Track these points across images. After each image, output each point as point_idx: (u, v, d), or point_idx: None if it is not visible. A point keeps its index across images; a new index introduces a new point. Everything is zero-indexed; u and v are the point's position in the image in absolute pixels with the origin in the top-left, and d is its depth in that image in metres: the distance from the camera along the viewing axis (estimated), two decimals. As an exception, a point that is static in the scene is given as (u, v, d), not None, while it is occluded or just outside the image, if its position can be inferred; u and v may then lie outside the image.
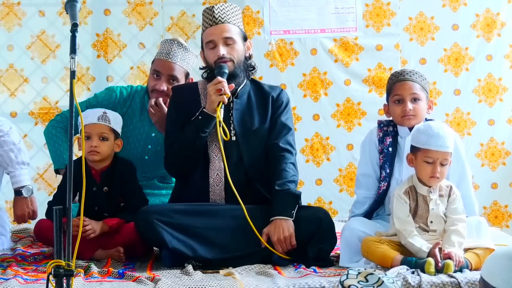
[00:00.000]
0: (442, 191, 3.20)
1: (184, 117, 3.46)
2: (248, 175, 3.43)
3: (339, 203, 4.99)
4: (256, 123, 3.49)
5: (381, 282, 2.59)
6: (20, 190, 3.66)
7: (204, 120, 3.37)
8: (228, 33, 3.44)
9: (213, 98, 3.33)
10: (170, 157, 3.49)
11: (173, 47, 3.84)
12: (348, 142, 5.00)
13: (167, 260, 3.27)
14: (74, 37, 2.54)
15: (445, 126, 3.23)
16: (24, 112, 4.86)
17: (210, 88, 3.34)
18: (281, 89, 3.61)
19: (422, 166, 3.16)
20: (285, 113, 3.54)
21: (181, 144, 3.42)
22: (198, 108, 3.44)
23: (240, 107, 3.50)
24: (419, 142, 3.17)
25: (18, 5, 4.85)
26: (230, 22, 3.45)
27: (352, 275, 2.65)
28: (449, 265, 2.98)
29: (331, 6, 4.99)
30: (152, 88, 3.83)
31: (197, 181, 3.43)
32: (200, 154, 3.43)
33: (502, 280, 1.87)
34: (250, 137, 3.47)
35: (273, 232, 3.27)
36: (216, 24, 3.44)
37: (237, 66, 3.45)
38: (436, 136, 3.13)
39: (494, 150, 5.05)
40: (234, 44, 3.44)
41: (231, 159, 3.41)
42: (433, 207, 3.16)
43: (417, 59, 5.03)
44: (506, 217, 5.06)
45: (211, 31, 3.45)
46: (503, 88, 5.05)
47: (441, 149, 3.13)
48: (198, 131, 3.37)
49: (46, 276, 2.30)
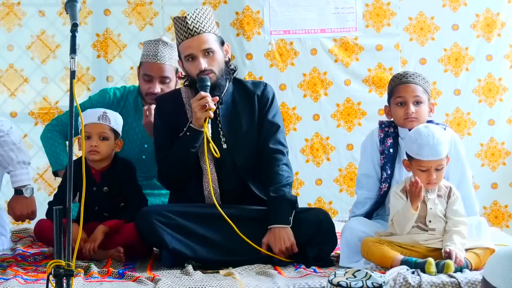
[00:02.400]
0: (441, 191, 3.20)
1: (171, 126, 3.42)
2: (242, 178, 3.42)
3: (339, 203, 4.98)
4: (244, 125, 3.45)
5: (369, 276, 2.59)
6: (21, 189, 3.66)
7: (193, 136, 3.32)
8: (206, 44, 3.35)
9: (198, 115, 3.28)
10: (162, 171, 3.47)
11: (158, 47, 3.82)
12: (348, 142, 5.00)
13: (167, 260, 3.27)
14: (74, 37, 2.54)
15: (436, 131, 3.16)
16: (24, 112, 4.86)
17: (194, 105, 3.28)
18: (265, 85, 3.53)
19: (417, 173, 3.15)
20: (272, 110, 3.49)
21: (172, 160, 3.38)
22: (184, 117, 3.40)
23: (226, 113, 3.44)
24: (411, 151, 3.17)
25: (18, 5, 4.85)
26: (205, 31, 3.36)
27: (340, 274, 2.65)
28: (449, 265, 2.98)
29: (331, 6, 4.99)
30: (146, 92, 3.82)
31: (192, 194, 3.41)
32: (192, 168, 3.39)
33: (503, 281, 1.87)
34: (240, 141, 3.43)
35: (273, 242, 3.26)
36: (192, 36, 3.35)
37: (219, 76, 3.38)
38: (426, 146, 3.10)
39: (494, 150, 5.05)
40: (213, 54, 3.36)
41: (224, 166, 3.40)
42: (431, 206, 3.16)
43: (417, 59, 5.03)
44: (506, 217, 5.06)
45: (188, 44, 3.36)
46: (503, 88, 5.05)
47: (433, 158, 3.12)
48: (188, 147, 3.34)
49: (46, 276, 2.30)
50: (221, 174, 3.38)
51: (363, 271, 2.63)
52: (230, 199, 3.38)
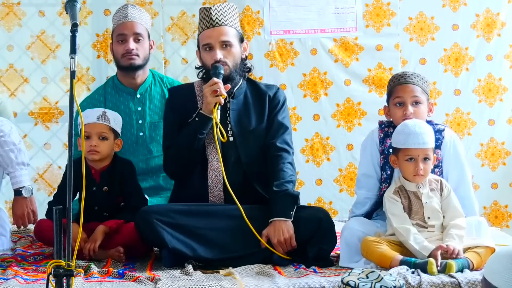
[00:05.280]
0: (432, 185, 3.23)
1: (181, 118, 3.46)
2: (246, 175, 3.43)
3: (339, 203, 4.98)
4: (253, 123, 3.49)
5: (381, 278, 2.60)
6: (20, 190, 3.66)
7: (201, 122, 3.36)
8: (225, 36, 3.42)
9: (209, 99, 3.32)
10: (168, 159, 3.50)
11: (128, 9, 3.96)
12: (348, 142, 5.00)
13: (167, 260, 3.27)
14: (74, 37, 2.54)
15: (422, 123, 3.24)
16: (24, 112, 4.86)
17: (206, 90, 3.34)
18: (278, 88, 3.60)
19: (404, 165, 3.19)
20: (282, 112, 3.53)
21: (179, 146, 3.41)
22: (195, 109, 3.43)
23: (236, 107, 3.49)
24: (398, 142, 3.21)
25: (18, 5, 4.85)
26: (227, 25, 3.44)
27: (355, 273, 2.66)
28: (451, 265, 2.98)
29: (331, 6, 4.99)
30: (122, 53, 3.94)
31: (196, 183, 3.43)
32: (198, 156, 3.42)
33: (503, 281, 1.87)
34: (248, 137, 3.46)
35: (272, 234, 3.27)
36: (214, 26, 3.42)
37: (233, 70, 3.44)
38: (413, 134, 3.16)
39: (494, 150, 5.05)
40: (231, 47, 3.43)
41: (228, 160, 3.41)
42: (426, 200, 3.18)
43: (417, 59, 5.03)
44: (506, 217, 5.06)
45: (208, 34, 3.44)
46: (503, 88, 5.05)
47: (419, 146, 3.16)
48: (196, 132, 3.37)
49: (46, 276, 2.31)
50: (226, 166, 3.38)
51: (377, 273, 2.64)
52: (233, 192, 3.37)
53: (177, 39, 4.97)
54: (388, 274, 2.76)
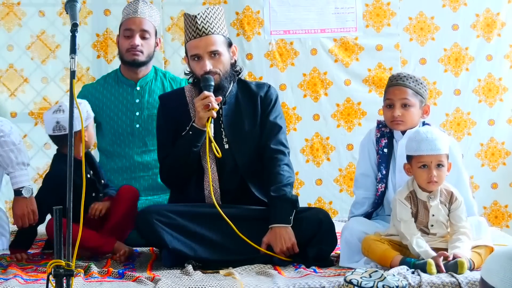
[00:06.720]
0: (442, 197, 3.18)
1: (173, 127, 3.43)
2: (243, 179, 3.42)
3: (339, 203, 4.98)
4: (247, 126, 3.46)
5: (384, 278, 2.61)
6: (20, 190, 3.66)
7: (195, 135, 3.33)
8: (213, 46, 3.35)
9: (201, 114, 3.28)
10: (164, 170, 3.49)
11: (138, 5, 3.98)
12: (348, 142, 5.00)
13: (167, 260, 3.27)
14: (74, 37, 2.54)
15: (434, 129, 3.21)
16: (24, 112, 4.86)
17: (198, 104, 3.29)
18: (269, 86, 3.54)
19: (418, 172, 3.15)
20: (274, 111, 3.49)
21: (174, 158, 3.39)
22: (187, 116, 3.40)
23: (229, 113, 3.45)
24: (411, 149, 3.17)
25: (18, 5, 4.85)
26: (214, 33, 3.36)
27: (358, 272, 2.66)
28: (462, 263, 2.94)
29: (331, 6, 4.99)
30: (127, 48, 3.97)
31: (192, 193, 3.42)
32: (194, 167, 3.40)
33: (499, 280, 1.87)
34: (242, 142, 3.44)
35: (274, 242, 3.25)
36: (200, 36, 3.34)
37: (224, 78, 3.38)
38: (425, 141, 3.12)
39: (494, 150, 5.05)
40: (220, 56, 3.36)
41: (225, 167, 3.40)
42: (433, 213, 3.15)
43: (417, 59, 5.03)
44: (506, 217, 5.06)
45: (195, 44, 3.36)
46: (503, 88, 5.05)
47: (432, 153, 3.12)
48: (190, 145, 3.34)
49: (46, 276, 2.30)
50: (222, 174, 3.38)
51: (380, 272, 2.64)
52: (231, 199, 3.38)
53: (177, 39, 4.97)
54: (391, 275, 2.76)
